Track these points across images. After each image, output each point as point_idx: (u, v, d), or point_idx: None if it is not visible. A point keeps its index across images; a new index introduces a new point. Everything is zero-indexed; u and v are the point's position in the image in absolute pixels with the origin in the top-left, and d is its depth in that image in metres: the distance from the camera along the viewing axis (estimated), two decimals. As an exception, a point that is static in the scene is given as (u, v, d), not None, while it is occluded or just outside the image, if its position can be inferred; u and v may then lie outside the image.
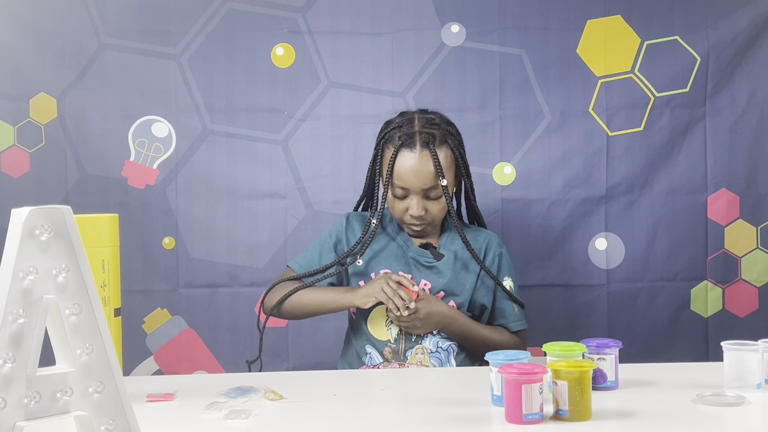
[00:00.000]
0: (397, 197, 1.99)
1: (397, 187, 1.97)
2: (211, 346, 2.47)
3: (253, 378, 1.76)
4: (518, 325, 2.04)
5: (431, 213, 1.98)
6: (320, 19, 2.47)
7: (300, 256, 2.10)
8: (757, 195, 2.47)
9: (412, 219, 1.98)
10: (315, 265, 2.04)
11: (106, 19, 2.45)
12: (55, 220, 1.09)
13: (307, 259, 2.07)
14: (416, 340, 1.97)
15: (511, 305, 2.04)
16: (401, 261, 2.01)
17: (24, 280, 1.06)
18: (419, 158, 1.94)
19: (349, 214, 2.09)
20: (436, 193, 1.96)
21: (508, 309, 2.04)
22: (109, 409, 1.13)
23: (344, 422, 1.42)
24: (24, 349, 1.06)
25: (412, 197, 1.96)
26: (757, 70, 2.45)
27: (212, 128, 2.47)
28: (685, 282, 2.47)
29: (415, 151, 1.95)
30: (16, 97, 2.44)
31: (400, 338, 1.96)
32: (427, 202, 1.97)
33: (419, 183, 1.94)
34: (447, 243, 2.04)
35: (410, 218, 1.98)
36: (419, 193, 1.95)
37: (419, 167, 1.94)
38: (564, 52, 2.46)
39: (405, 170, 1.95)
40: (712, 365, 1.81)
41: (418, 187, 1.94)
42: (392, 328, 1.97)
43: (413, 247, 2.03)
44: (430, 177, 1.94)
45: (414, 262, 2.01)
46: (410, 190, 1.96)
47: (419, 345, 1.97)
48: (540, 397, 1.36)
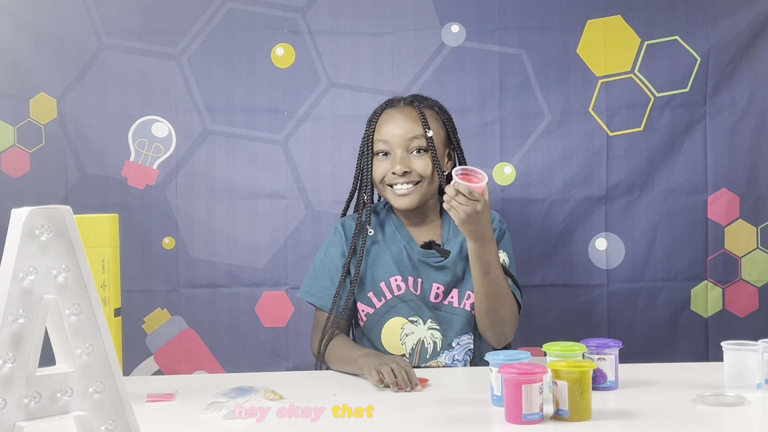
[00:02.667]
0: (380, 155, 1.93)
1: (379, 141, 1.92)
2: (211, 346, 2.47)
3: (253, 378, 1.76)
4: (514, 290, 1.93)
5: (416, 170, 1.90)
6: (320, 19, 2.47)
7: (309, 286, 1.97)
8: (757, 195, 2.47)
9: (395, 177, 1.90)
10: (331, 291, 1.93)
11: (106, 19, 2.44)
12: (55, 220, 1.09)
13: (321, 288, 1.95)
14: (431, 356, 1.93)
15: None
16: (407, 265, 1.94)
17: (24, 280, 1.06)
18: (400, 111, 1.93)
19: (341, 221, 2.01)
20: (420, 145, 1.90)
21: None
22: (109, 409, 1.13)
23: (344, 422, 1.42)
24: (24, 349, 1.06)
25: (395, 151, 1.90)
26: (757, 70, 2.45)
27: (212, 128, 2.47)
28: (685, 282, 2.47)
29: (397, 107, 1.95)
30: (16, 97, 2.44)
31: (414, 352, 1.93)
32: (412, 159, 1.91)
33: (401, 132, 1.90)
34: (450, 236, 1.97)
35: (393, 177, 1.90)
36: (401, 145, 1.90)
37: (400, 119, 1.91)
38: (564, 52, 2.46)
39: (386, 123, 1.92)
40: (712, 365, 1.81)
41: (400, 138, 1.90)
42: (407, 342, 1.93)
43: (417, 249, 1.95)
44: (412, 128, 1.90)
45: (421, 265, 1.94)
46: (392, 144, 1.91)
47: (434, 360, 1.94)
48: (540, 397, 1.36)
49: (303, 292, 2.00)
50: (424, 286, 1.93)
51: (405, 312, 1.93)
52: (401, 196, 1.91)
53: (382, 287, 1.93)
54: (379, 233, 1.98)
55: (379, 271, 1.94)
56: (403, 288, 1.93)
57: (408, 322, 1.93)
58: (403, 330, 1.93)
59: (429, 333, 1.93)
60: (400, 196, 1.91)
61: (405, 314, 1.93)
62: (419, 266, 1.94)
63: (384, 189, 1.94)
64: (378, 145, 1.92)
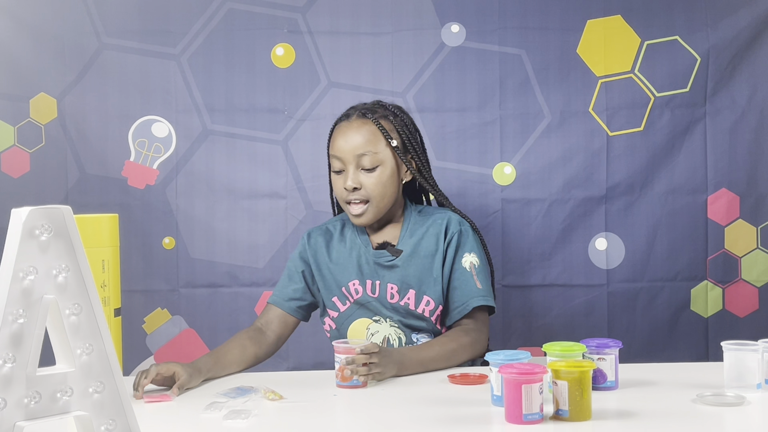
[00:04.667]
0: (335, 172, 1.93)
1: (333, 157, 1.91)
2: (211, 346, 2.47)
3: (253, 378, 1.76)
4: (477, 300, 1.89)
5: (367, 187, 1.89)
6: (320, 19, 2.47)
7: (276, 289, 2.02)
8: (757, 195, 2.47)
9: (348, 194, 1.90)
10: (286, 287, 1.98)
11: (106, 19, 2.45)
12: (55, 220, 1.09)
13: (279, 287, 2.00)
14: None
15: (469, 280, 1.90)
16: (364, 268, 1.94)
17: (24, 280, 1.06)
18: (352, 125, 1.91)
19: (309, 231, 2.03)
20: (371, 162, 1.88)
21: (464, 286, 1.90)
22: (109, 409, 1.13)
23: (344, 422, 1.42)
24: (24, 349, 1.06)
25: (347, 168, 1.89)
26: (757, 70, 2.45)
27: (212, 128, 2.47)
28: (685, 282, 2.47)
29: (350, 120, 1.92)
30: (16, 97, 2.44)
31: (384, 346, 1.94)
32: (362, 174, 1.89)
33: (351, 149, 1.88)
34: (405, 236, 1.96)
35: (346, 193, 1.90)
36: (352, 161, 1.88)
37: (351, 132, 1.89)
38: (564, 52, 2.46)
39: (338, 137, 1.91)
40: (712, 365, 1.81)
41: (350, 154, 1.88)
42: (375, 338, 1.94)
43: (370, 252, 1.95)
44: (363, 143, 1.88)
45: (375, 266, 1.94)
46: (344, 160, 1.89)
47: None
48: (540, 397, 1.36)
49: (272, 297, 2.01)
50: (381, 288, 1.94)
51: (367, 314, 1.96)
52: (356, 215, 1.92)
53: (344, 291, 1.95)
54: (342, 241, 2.00)
55: (341, 276, 1.96)
56: (360, 292, 1.94)
57: (372, 322, 1.96)
58: (369, 329, 1.95)
59: (392, 330, 1.95)
60: (355, 216, 1.93)
61: (368, 315, 1.96)
62: (374, 268, 1.95)
63: (344, 205, 1.95)
64: (333, 161, 1.93)
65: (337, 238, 2.00)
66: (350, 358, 1.66)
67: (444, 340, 1.86)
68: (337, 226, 2.02)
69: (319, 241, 2.00)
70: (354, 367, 1.65)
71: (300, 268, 1.99)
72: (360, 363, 1.66)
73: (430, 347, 1.83)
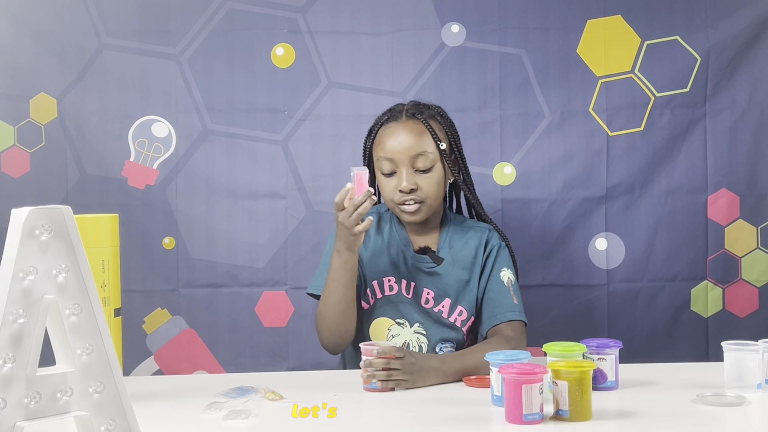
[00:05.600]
0: (385, 174, 1.88)
1: (383, 159, 1.87)
2: (211, 346, 2.47)
3: (253, 378, 1.76)
4: (515, 315, 1.89)
5: (423, 188, 1.86)
6: (320, 19, 2.47)
7: (318, 280, 1.94)
8: (757, 195, 2.47)
9: (402, 196, 1.86)
10: None
11: (106, 19, 2.45)
12: (55, 220, 1.09)
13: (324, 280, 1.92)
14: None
15: (508, 295, 1.91)
16: (401, 267, 1.94)
17: (24, 280, 1.06)
18: (404, 126, 1.87)
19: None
20: (425, 163, 1.86)
21: (501, 297, 1.90)
22: (109, 409, 1.13)
23: (344, 422, 1.42)
24: (24, 349, 1.06)
25: (401, 169, 1.86)
26: (757, 70, 2.45)
27: (212, 128, 2.47)
28: (685, 282, 2.47)
29: (400, 121, 1.89)
30: (16, 97, 2.44)
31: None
32: (417, 176, 1.86)
33: (405, 149, 1.85)
34: (445, 245, 1.96)
35: (400, 195, 1.86)
36: (407, 162, 1.85)
37: (404, 133, 1.86)
38: (564, 52, 2.46)
39: (389, 140, 1.87)
40: (712, 365, 1.81)
41: (405, 155, 1.85)
42: (394, 341, 1.92)
43: (411, 254, 1.95)
44: (417, 143, 1.85)
45: (414, 269, 1.94)
46: (397, 162, 1.86)
47: None
48: (540, 397, 1.36)
49: (311, 287, 1.98)
50: (416, 290, 1.93)
51: (392, 314, 1.93)
52: (410, 213, 1.89)
53: (375, 285, 1.93)
54: (379, 233, 1.98)
55: (374, 270, 1.94)
56: (395, 289, 1.92)
57: (395, 324, 1.94)
58: (390, 331, 1.93)
59: (415, 336, 1.93)
60: (408, 214, 1.89)
61: (392, 315, 1.94)
62: (412, 270, 1.94)
63: (394, 207, 1.92)
64: (383, 163, 1.88)
65: (373, 229, 1.97)
66: (368, 361, 1.64)
67: (485, 347, 1.79)
68: (374, 218, 1.96)
69: None
70: (372, 371, 1.63)
71: None
72: (378, 367, 1.63)
73: (472, 354, 1.76)
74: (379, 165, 1.89)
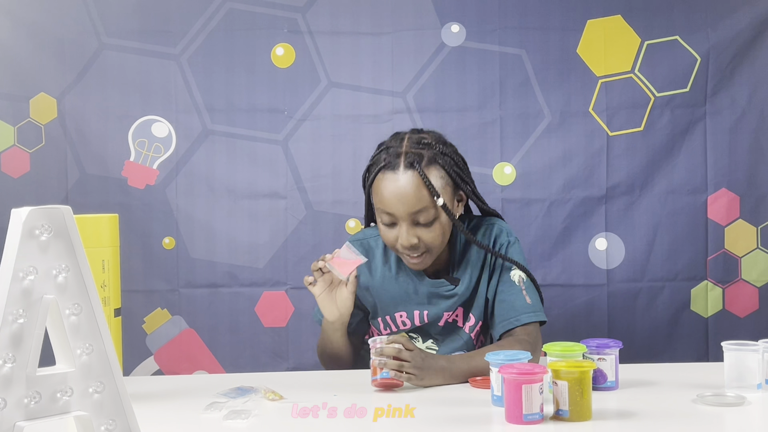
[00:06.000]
0: (385, 224, 1.78)
1: (383, 213, 1.76)
2: (211, 346, 2.47)
3: (253, 378, 1.76)
4: (529, 317, 1.81)
5: (425, 241, 1.76)
6: (320, 19, 2.47)
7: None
8: (757, 195, 2.47)
9: (404, 249, 1.78)
10: None
11: (106, 19, 2.45)
12: (55, 220, 1.09)
13: None
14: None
15: (518, 295, 1.83)
16: (413, 299, 1.86)
17: (24, 280, 1.06)
18: (402, 180, 1.73)
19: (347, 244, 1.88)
20: (427, 218, 1.74)
21: (513, 300, 1.83)
22: (109, 409, 1.13)
23: (344, 422, 1.42)
24: (24, 349, 1.06)
25: (401, 224, 1.75)
26: (757, 70, 2.45)
27: (212, 128, 2.47)
28: (685, 282, 2.47)
29: (398, 173, 1.74)
30: (16, 97, 2.44)
31: None
32: (419, 229, 1.75)
33: (404, 207, 1.73)
34: (456, 262, 1.87)
35: (402, 248, 1.78)
36: (407, 219, 1.74)
37: (403, 190, 1.73)
38: (564, 52, 2.46)
39: (388, 194, 1.74)
40: (712, 365, 1.81)
41: (405, 213, 1.74)
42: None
43: (425, 281, 1.86)
44: (417, 200, 1.73)
45: (431, 296, 1.86)
46: (396, 216, 1.75)
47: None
48: (540, 397, 1.36)
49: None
50: (431, 315, 1.87)
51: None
52: (414, 264, 1.82)
53: (388, 320, 1.90)
54: (386, 263, 1.90)
55: (385, 304, 1.89)
56: (408, 324, 1.87)
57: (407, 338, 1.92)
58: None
59: (427, 350, 1.90)
60: (412, 264, 1.82)
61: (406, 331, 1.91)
62: (430, 297, 1.87)
63: (396, 250, 1.83)
64: (382, 215, 1.77)
65: (379, 257, 1.89)
66: (380, 349, 1.62)
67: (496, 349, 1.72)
68: (380, 243, 1.89)
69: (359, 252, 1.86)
70: (383, 359, 1.61)
71: None
72: (389, 355, 1.62)
73: (481, 356, 1.68)
74: (379, 214, 1.79)
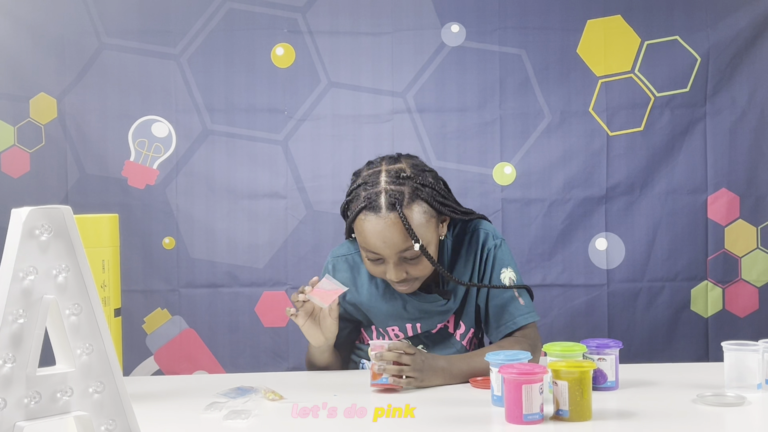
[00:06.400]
0: (371, 261, 1.77)
1: (369, 251, 1.75)
2: (211, 346, 2.47)
3: (253, 378, 1.76)
4: (525, 319, 1.81)
5: (413, 274, 1.76)
6: (320, 19, 2.47)
7: None
8: (757, 195, 2.47)
9: (394, 283, 1.78)
10: None
11: (106, 19, 2.45)
12: (55, 220, 1.09)
13: None
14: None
15: (514, 300, 1.82)
16: (403, 315, 1.86)
17: (24, 280, 1.06)
18: (385, 223, 1.70)
19: (333, 262, 1.90)
20: (413, 254, 1.73)
21: (508, 304, 1.82)
22: (109, 409, 1.13)
23: (344, 422, 1.42)
24: (24, 349, 1.06)
25: (388, 263, 1.74)
26: (757, 70, 2.45)
27: (212, 128, 2.47)
28: (685, 282, 2.47)
29: (380, 215, 1.70)
30: (16, 97, 2.44)
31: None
32: (406, 265, 1.75)
33: (390, 249, 1.72)
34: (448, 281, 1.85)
35: (392, 282, 1.78)
36: (394, 258, 1.73)
37: (387, 233, 1.70)
38: (564, 52, 2.46)
39: (373, 238, 1.72)
40: (712, 365, 1.81)
41: (391, 253, 1.72)
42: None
43: (417, 297, 1.84)
44: (401, 241, 1.70)
45: (423, 312, 1.84)
46: (383, 255, 1.73)
47: None
48: (540, 397, 1.36)
49: None
50: (424, 327, 1.87)
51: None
52: (401, 289, 1.81)
53: (381, 330, 1.90)
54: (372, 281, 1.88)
55: (376, 318, 1.89)
56: (401, 336, 1.88)
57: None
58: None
59: None
60: (400, 289, 1.81)
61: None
62: (421, 313, 1.86)
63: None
64: (368, 254, 1.76)
65: (365, 274, 1.87)
66: (379, 354, 1.63)
67: (495, 349, 1.74)
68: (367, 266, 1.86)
69: (345, 276, 1.87)
70: (383, 365, 1.62)
71: None
72: (389, 360, 1.62)
73: (480, 357, 1.68)
74: (364, 251, 1.77)
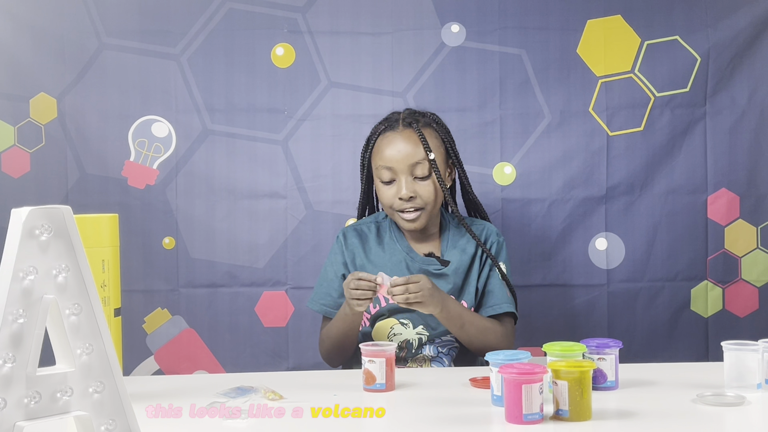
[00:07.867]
0: (384, 182, 1.95)
1: (382, 168, 1.93)
2: (211, 346, 2.47)
3: (253, 378, 1.76)
4: (508, 306, 1.97)
5: (422, 196, 1.93)
6: (320, 19, 2.47)
7: (316, 295, 2.03)
8: (757, 195, 2.47)
9: (402, 203, 1.93)
10: (335, 298, 1.99)
11: (106, 19, 2.45)
12: (55, 220, 1.09)
13: (326, 296, 2.01)
14: (417, 350, 1.97)
15: (502, 288, 1.98)
16: (406, 274, 1.93)
17: (24, 280, 1.06)
18: (401, 135, 1.93)
19: (343, 231, 2.06)
20: (423, 171, 1.92)
21: (498, 291, 1.98)
22: (109, 409, 1.13)
23: (344, 422, 1.42)
24: (24, 349, 1.06)
25: (400, 177, 1.92)
26: (757, 70, 2.45)
27: (212, 128, 2.47)
28: (685, 282, 2.47)
29: (397, 131, 1.94)
30: (16, 97, 2.44)
31: (402, 349, 1.96)
32: (416, 184, 1.92)
33: (403, 158, 1.91)
34: (449, 248, 2.01)
35: (400, 203, 1.93)
36: (406, 171, 1.91)
37: (402, 142, 1.92)
38: (564, 52, 2.46)
39: (388, 150, 1.93)
40: (712, 365, 1.81)
41: (404, 164, 1.91)
42: (393, 340, 1.96)
43: (418, 258, 1.99)
44: (415, 152, 1.91)
45: (422, 273, 1.95)
46: (396, 170, 1.92)
47: (420, 354, 1.97)
48: (540, 397, 1.36)
49: (311, 301, 2.05)
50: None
51: (398, 314, 1.97)
52: (410, 221, 1.95)
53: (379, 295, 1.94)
54: (379, 244, 2.02)
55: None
56: None
57: (398, 323, 1.98)
58: (392, 329, 1.97)
59: (417, 337, 1.97)
60: (408, 221, 1.95)
61: (396, 316, 1.98)
62: (420, 273, 1.94)
63: (393, 213, 1.98)
64: (382, 172, 1.94)
65: (373, 240, 2.03)
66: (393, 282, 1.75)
67: (482, 317, 1.94)
68: (372, 229, 2.04)
69: (354, 242, 2.02)
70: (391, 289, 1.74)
71: (340, 272, 2.00)
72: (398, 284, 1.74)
73: (470, 312, 1.92)
74: (379, 173, 1.95)
